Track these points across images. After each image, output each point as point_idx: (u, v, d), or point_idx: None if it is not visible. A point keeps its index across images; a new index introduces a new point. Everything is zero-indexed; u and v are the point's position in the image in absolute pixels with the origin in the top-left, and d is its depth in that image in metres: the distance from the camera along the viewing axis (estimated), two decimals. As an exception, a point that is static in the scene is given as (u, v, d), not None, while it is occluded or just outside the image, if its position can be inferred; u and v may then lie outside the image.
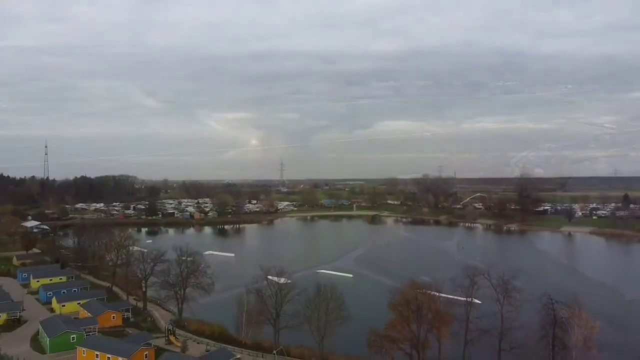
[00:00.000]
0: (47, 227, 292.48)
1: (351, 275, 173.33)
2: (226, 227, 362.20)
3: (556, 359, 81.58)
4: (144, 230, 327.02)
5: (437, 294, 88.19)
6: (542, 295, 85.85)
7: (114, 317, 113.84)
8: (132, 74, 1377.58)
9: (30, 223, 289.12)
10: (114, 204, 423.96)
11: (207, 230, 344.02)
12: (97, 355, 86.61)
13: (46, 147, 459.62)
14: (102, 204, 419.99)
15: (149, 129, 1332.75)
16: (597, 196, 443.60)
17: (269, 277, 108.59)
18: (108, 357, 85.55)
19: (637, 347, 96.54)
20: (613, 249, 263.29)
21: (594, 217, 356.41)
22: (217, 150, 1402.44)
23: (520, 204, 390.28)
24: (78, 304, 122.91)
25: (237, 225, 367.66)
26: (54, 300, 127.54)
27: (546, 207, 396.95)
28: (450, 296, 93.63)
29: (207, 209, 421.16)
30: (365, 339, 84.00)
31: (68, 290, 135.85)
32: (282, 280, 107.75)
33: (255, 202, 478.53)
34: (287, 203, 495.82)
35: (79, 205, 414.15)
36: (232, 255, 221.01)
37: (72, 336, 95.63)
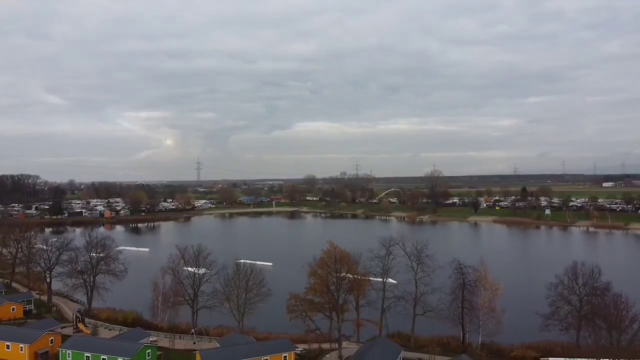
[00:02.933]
0: None
1: (271, 264, 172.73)
2: (140, 225, 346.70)
3: (465, 319, 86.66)
4: (48, 230, 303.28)
5: (356, 262, 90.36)
6: (452, 261, 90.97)
7: (13, 308, 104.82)
8: (32, 69, 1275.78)
9: None
10: (13, 204, 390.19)
11: (119, 228, 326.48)
12: (-7, 345, 79.28)
13: None
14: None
15: (52, 128, 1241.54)
16: (499, 191, 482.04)
17: (186, 267, 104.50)
18: (7, 345, 78.60)
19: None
20: (512, 233, 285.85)
21: (497, 208, 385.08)
22: (129, 151, 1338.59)
23: (431, 197, 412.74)
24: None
25: (152, 224, 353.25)
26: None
27: (455, 200, 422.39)
28: (372, 277, 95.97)
29: (118, 208, 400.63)
30: (286, 305, 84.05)
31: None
32: (202, 270, 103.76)
33: (171, 200, 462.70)
34: (204, 201, 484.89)
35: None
36: (147, 250, 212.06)
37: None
